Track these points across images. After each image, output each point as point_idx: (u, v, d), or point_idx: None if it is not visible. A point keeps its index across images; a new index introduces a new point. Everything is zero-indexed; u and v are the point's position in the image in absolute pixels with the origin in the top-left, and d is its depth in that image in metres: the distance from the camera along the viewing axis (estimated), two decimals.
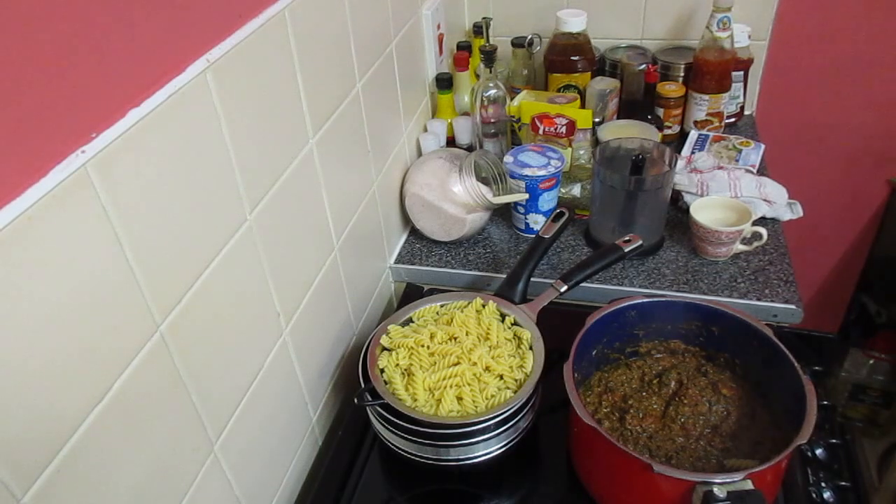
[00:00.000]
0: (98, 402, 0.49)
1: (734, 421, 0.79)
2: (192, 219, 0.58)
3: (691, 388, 0.82)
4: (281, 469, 0.80)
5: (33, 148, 0.42)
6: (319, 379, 0.88)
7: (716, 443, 0.77)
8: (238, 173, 0.64)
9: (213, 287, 0.62)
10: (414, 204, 1.11)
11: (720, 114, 1.30)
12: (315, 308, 0.84)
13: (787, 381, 0.74)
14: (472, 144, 1.28)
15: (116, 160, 0.49)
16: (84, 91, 0.46)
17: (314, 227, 0.83)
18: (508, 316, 0.89)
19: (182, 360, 0.59)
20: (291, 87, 0.73)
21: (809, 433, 0.67)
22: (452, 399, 0.78)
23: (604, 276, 1.03)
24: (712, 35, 1.22)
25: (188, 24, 0.56)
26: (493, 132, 1.24)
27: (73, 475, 0.47)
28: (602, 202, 1.07)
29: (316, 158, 0.80)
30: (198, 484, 0.63)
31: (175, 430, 0.59)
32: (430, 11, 1.18)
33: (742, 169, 1.17)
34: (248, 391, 0.70)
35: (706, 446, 0.77)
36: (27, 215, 0.42)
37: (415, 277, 1.13)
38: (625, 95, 1.30)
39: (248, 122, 0.65)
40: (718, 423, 0.79)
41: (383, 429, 0.80)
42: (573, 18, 1.26)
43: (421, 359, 0.83)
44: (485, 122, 1.22)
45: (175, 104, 0.54)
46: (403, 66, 1.08)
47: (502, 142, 1.26)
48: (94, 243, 0.48)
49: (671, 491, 0.67)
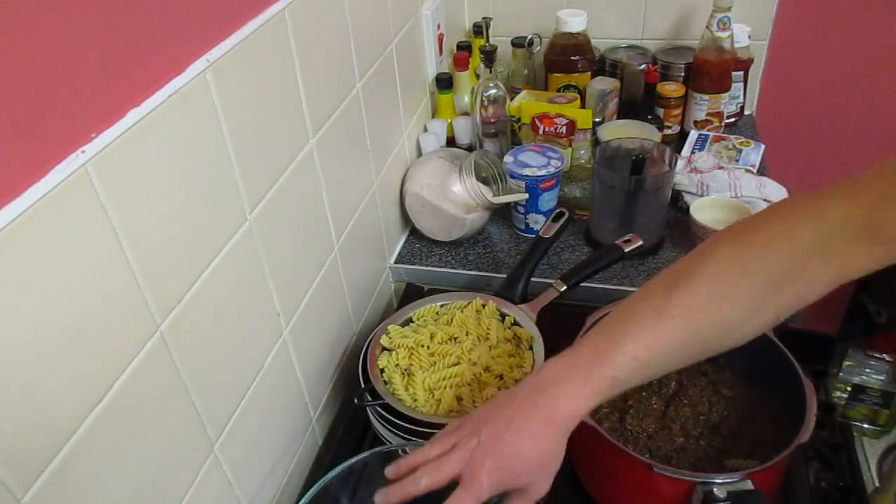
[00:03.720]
0: (98, 402, 0.49)
1: (734, 421, 0.79)
2: (192, 219, 0.58)
3: (691, 389, 0.82)
4: (281, 469, 0.80)
5: (33, 148, 0.42)
6: (319, 379, 0.88)
7: (716, 443, 0.77)
8: (238, 173, 0.64)
9: (213, 287, 0.62)
10: (414, 204, 1.11)
11: (720, 114, 1.30)
12: (315, 308, 0.84)
13: (787, 381, 0.74)
14: (472, 144, 1.28)
15: (116, 160, 0.49)
16: (84, 91, 0.46)
17: (314, 227, 0.83)
18: (508, 316, 0.89)
19: (182, 360, 0.58)
20: (291, 87, 0.73)
21: (809, 433, 0.67)
22: (452, 399, 0.78)
23: (604, 276, 1.02)
24: (712, 35, 1.22)
25: (188, 24, 0.56)
26: (493, 132, 1.24)
27: (73, 475, 0.47)
28: (602, 202, 1.07)
29: (316, 158, 0.80)
30: (198, 484, 0.63)
31: (175, 430, 0.59)
32: (430, 11, 1.18)
33: (742, 169, 1.17)
34: (248, 391, 0.70)
35: (706, 446, 0.77)
36: (27, 215, 0.42)
37: (415, 277, 1.13)
38: (625, 95, 1.30)
39: (248, 122, 0.65)
40: (718, 423, 0.79)
41: (383, 429, 0.80)
42: (573, 18, 1.26)
43: (421, 359, 0.83)
44: (485, 122, 1.22)
45: (175, 104, 0.54)
46: (403, 66, 1.08)
47: (502, 142, 1.26)
48: (94, 243, 0.48)
49: (671, 491, 0.67)
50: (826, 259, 0.53)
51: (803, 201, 0.55)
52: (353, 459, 0.71)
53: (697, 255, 0.57)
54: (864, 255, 0.52)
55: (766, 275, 0.54)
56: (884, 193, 0.50)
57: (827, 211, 0.53)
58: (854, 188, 0.52)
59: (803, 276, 0.54)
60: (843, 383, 1.68)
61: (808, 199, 0.54)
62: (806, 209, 0.54)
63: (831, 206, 0.52)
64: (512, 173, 1.10)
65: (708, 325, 0.55)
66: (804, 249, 0.53)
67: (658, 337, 0.55)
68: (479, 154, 1.11)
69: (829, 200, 0.53)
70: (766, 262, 0.54)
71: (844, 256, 0.52)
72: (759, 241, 0.54)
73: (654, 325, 0.55)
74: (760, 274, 0.54)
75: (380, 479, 0.75)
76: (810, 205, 0.54)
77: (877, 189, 0.51)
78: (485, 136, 1.24)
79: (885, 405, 1.67)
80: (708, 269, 0.55)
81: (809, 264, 0.53)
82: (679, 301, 0.55)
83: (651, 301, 0.57)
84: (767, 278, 0.54)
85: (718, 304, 0.55)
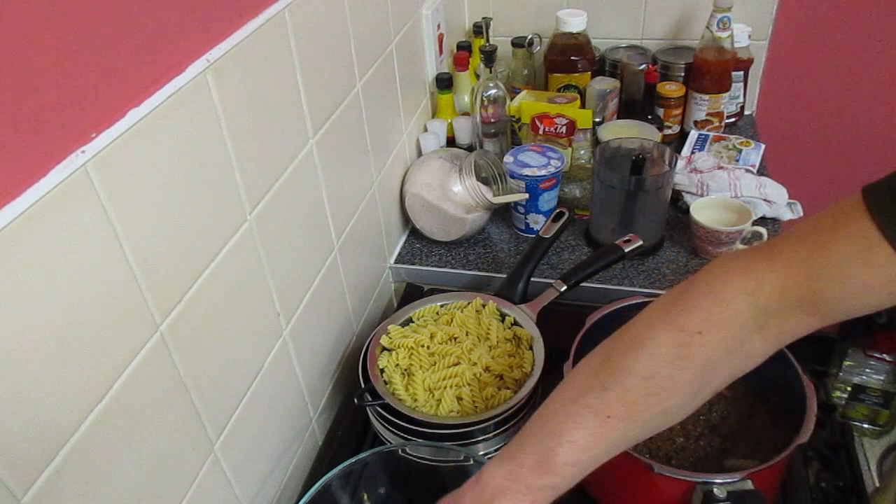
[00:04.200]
0: (98, 402, 0.49)
1: (734, 421, 0.79)
2: (192, 219, 0.58)
3: None
4: (281, 469, 0.80)
5: (33, 148, 0.42)
6: (319, 379, 0.88)
7: (716, 443, 0.77)
8: (238, 173, 0.64)
9: (213, 287, 0.62)
10: (414, 204, 1.11)
11: (720, 114, 1.30)
12: (315, 308, 0.84)
13: (787, 381, 0.74)
14: (472, 144, 1.28)
15: (116, 160, 0.49)
16: (84, 91, 0.46)
17: (314, 227, 0.83)
18: (508, 316, 0.89)
19: (182, 360, 0.59)
20: (291, 87, 0.73)
21: (809, 433, 0.67)
22: (452, 399, 0.78)
23: (604, 276, 1.02)
24: (712, 35, 1.22)
25: (188, 24, 0.56)
26: (493, 132, 1.24)
27: (73, 475, 0.47)
28: (602, 202, 1.07)
29: (316, 158, 0.80)
30: (198, 484, 0.63)
31: (175, 430, 0.59)
32: (430, 11, 1.18)
33: (742, 169, 1.17)
34: (248, 391, 0.70)
35: (706, 446, 0.77)
36: (27, 215, 0.42)
37: (415, 277, 1.13)
38: (625, 95, 1.30)
39: (248, 122, 0.65)
40: (718, 423, 0.79)
41: (383, 429, 0.80)
42: (573, 18, 1.26)
43: (421, 359, 0.83)
44: (485, 122, 1.22)
45: (175, 104, 0.54)
46: (403, 66, 1.08)
47: (502, 142, 1.26)
48: (94, 243, 0.48)
49: (671, 491, 0.67)
50: (764, 334, 0.52)
51: (739, 270, 0.52)
52: (353, 459, 0.71)
53: (631, 342, 0.55)
54: (804, 324, 0.51)
55: (702, 363, 0.53)
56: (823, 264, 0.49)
57: (764, 284, 0.51)
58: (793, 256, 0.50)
59: (740, 353, 0.53)
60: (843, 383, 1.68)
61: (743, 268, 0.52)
62: (742, 282, 0.52)
63: (768, 279, 0.51)
64: (512, 173, 1.10)
65: (647, 417, 0.54)
66: (741, 330, 0.52)
67: (597, 438, 0.54)
68: (479, 154, 1.11)
69: (766, 272, 0.51)
70: (702, 350, 0.52)
71: (782, 328, 0.52)
72: (694, 328, 0.52)
73: (592, 427, 0.54)
74: (697, 361, 0.52)
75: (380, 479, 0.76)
76: (746, 276, 0.52)
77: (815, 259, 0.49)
78: (485, 136, 1.24)
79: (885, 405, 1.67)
80: (641, 363, 0.53)
81: (747, 342, 0.53)
82: (615, 400, 0.54)
83: (587, 401, 0.55)
84: (705, 364, 0.53)
85: (656, 399, 0.53)
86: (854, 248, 0.47)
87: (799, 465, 0.80)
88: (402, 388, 0.80)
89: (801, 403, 0.70)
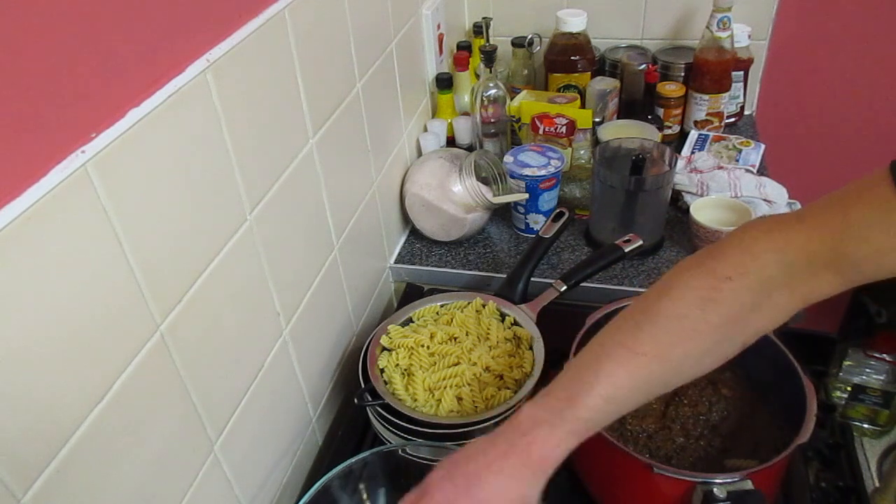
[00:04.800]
0: (98, 401, 0.49)
1: (734, 421, 0.79)
2: (192, 219, 0.58)
3: (691, 389, 0.82)
4: (281, 469, 0.80)
5: (33, 148, 0.42)
6: (319, 379, 0.88)
7: (716, 443, 0.77)
8: (238, 173, 0.64)
9: (213, 287, 0.62)
10: (414, 204, 1.11)
11: (720, 114, 1.30)
12: (315, 308, 0.84)
13: (787, 381, 0.74)
14: (472, 144, 1.29)
15: (116, 160, 0.49)
16: (84, 91, 0.46)
17: (314, 227, 0.83)
18: (508, 316, 0.89)
19: (182, 360, 0.59)
20: (291, 87, 0.73)
21: (809, 433, 0.67)
22: (452, 399, 0.78)
23: (604, 276, 1.02)
24: (712, 35, 1.22)
25: (188, 24, 0.56)
26: (493, 132, 1.24)
27: (73, 475, 0.47)
28: (602, 202, 1.07)
29: (316, 158, 0.80)
30: (198, 484, 0.63)
31: (175, 430, 0.59)
32: (430, 11, 1.18)
33: (742, 169, 1.17)
34: (248, 391, 0.70)
35: (706, 446, 0.77)
36: (27, 215, 0.42)
37: (415, 277, 1.13)
38: (625, 95, 1.30)
39: (248, 122, 0.65)
40: (718, 423, 0.79)
41: (383, 429, 0.80)
42: (573, 18, 1.26)
43: (421, 359, 0.83)
44: (485, 122, 1.22)
45: (175, 104, 0.54)
46: (403, 66, 1.08)
47: (502, 142, 1.26)
48: (94, 243, 0.48)
49: (671, 491, 0.67)
50: (791, 289, 0.54)
51: (767, 229, 0.55)
52: (353, 459, 0.71)
53: (664, 286, 0.58)
54: (829, 283, 0.53)
55: (731, 308, 0.54)
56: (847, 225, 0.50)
57: (792, 242, 0.53)
58: (820, 218, 0.53)
59: (768, 306, 0.55)
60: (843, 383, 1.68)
61: (771, 228, 0.55)
62: (770, 239, 0.54)
63: (796, 238, 0.53)
64: (512, 173, 1.10)
65: (678, 359, 0.56)
66: (769, 282, 0.54)
67: (630, 374, 0.56)
68: (479, 154, 1.11)
69: (794, 232, 0.53)
70: (731, 295, 0.54)
71: (809, 285, 0.53)
72: (724, 273, 0.54)
73: (625, 362, 0.56)
74: (726, 308, 0.54)
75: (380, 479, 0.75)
76: (774, 234, 0.54)
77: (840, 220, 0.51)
78: (485, 136, 1.25)
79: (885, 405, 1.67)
80: (674, 304, 0.56)
81: (775, 295, 0.54)
82: (648, 338, 0.56)
83: (621, 339, 0.57)
84: (733, 311, 0.55)
85: (686, 340, 0.55)
86: (875, 213, 0.49)
87: (799, 465, 0.80)
88: (402, 388, 0.80)
89: (801, 403, 0.70)
